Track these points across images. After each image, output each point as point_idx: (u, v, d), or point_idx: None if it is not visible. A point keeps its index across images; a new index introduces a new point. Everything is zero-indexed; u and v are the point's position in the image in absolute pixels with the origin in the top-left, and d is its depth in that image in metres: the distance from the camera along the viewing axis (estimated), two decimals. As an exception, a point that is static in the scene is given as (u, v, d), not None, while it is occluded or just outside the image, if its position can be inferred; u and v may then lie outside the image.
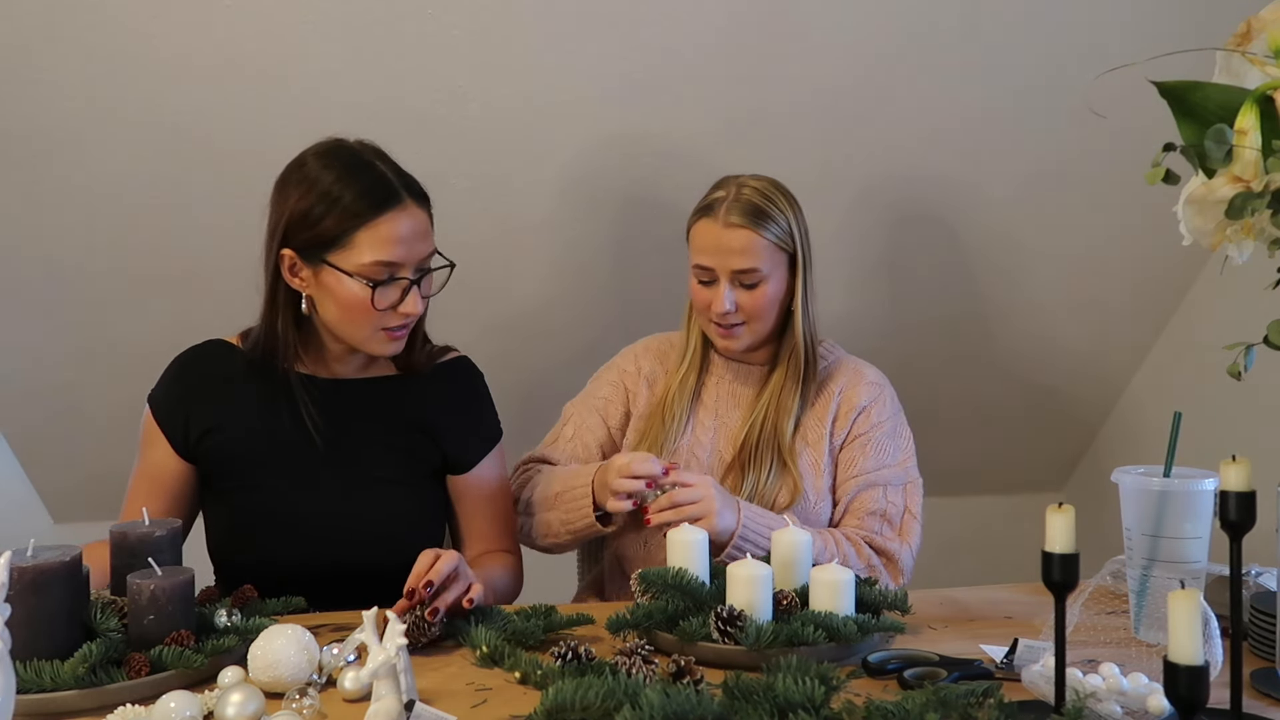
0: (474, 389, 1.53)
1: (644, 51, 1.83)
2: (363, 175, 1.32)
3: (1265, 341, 0.88)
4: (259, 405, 1.39)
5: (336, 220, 1.30)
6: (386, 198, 1.31)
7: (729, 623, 1.10)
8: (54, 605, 1.01)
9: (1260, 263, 0.94)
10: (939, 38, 1.89)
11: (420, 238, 1.34)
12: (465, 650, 1.14)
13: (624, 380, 1.67)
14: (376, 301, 1.31)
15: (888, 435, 1.59)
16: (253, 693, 0.94)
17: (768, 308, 1.54)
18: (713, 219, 1.52)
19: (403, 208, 1.32)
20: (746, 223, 1.51)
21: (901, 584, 1.50)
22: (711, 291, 1.53)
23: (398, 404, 1.44)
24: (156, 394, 1.42)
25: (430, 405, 1.46)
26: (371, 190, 1.31)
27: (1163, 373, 2.41)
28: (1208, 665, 0.80)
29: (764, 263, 1.51)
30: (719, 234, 1.51)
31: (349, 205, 1.30)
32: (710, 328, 1.58)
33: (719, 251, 1.51)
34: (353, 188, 1.30)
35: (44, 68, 1.70)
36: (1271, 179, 0.83)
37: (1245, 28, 0.88)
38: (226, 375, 1.40)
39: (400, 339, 1.37)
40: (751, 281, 1.52)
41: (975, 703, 0.92)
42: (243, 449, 1.38)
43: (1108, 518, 1.32)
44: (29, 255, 1.94)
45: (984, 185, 2.12)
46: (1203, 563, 1.12)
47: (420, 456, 1.45)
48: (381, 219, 1.30)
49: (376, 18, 1.73)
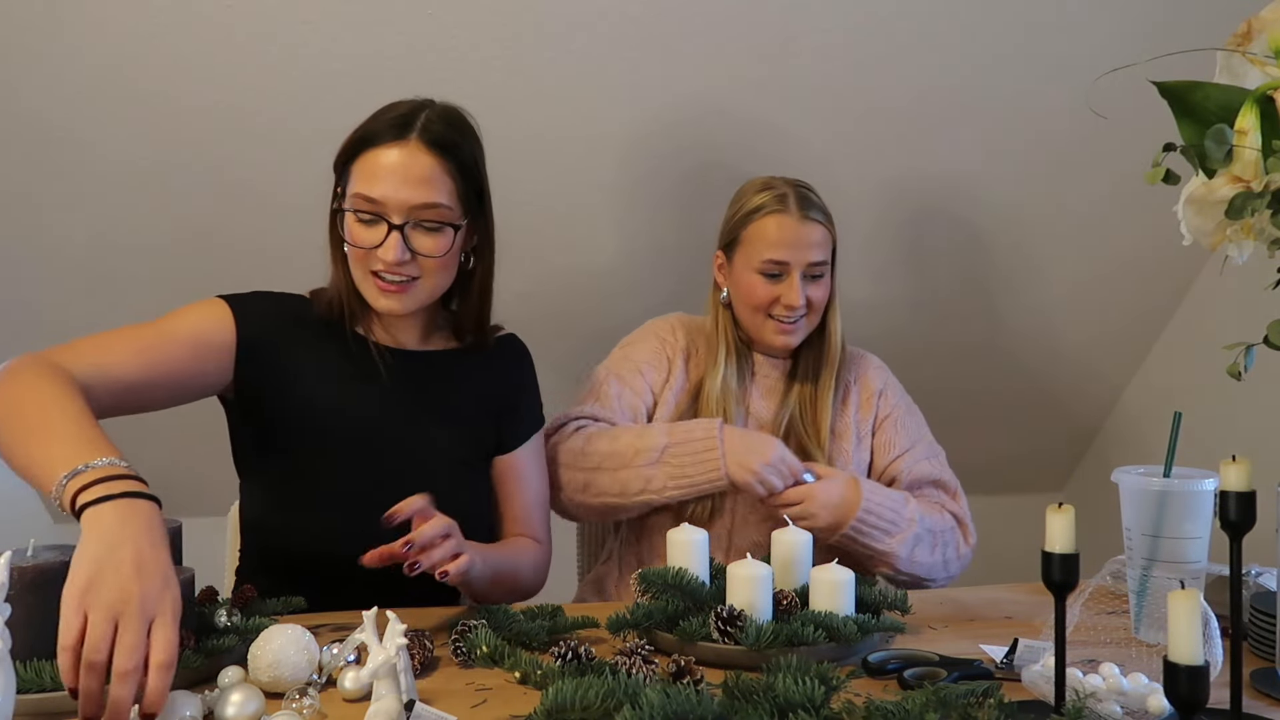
0: (529, 368, 1.51)
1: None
2: (389, 111, 1.29)
3: (1265, 341, 0.88)
4: (334, 365, 1.34)
5: (349, 147, 1.28)
6: (387, 130, 1.26)
7: (729, 623, 1.10)
8: (54, 605, 0.99)
9: (1260, 263, 0.94)
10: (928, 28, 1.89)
11: (412, 182, 1.25)
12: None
13: (665, 350, 1.66)
14: (358, 237, 1.26)
15: (907, 412, 1.68)
16: (252, 693, 0.94)
17: (827, 301, 1.61)
18: (787, 214, 1.55)
19: (400, 144, 1.25)
20: (820, 217, 1.57)
21: (972, 544, 1.60)
22: (779, 286, 1.56)
23: (461, 379, 1.41)
24: (237, 296, 1.34)
25: (493, 382, 1.43)
26: (381, 123, 1.27)
27: (1163, 373, 2.41)
28: (1208, 665, 0.80)
29: (829, 255, 1.59)
30: (797, 227, 1.54)
31: (360, 134, 1.28)
32: (767, 324, 1.59)
33: (798, 245, 1.54)
34: (373, 121, 1.28)
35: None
36: (1271, 179, 0.83)
37: (1245, 28, 0.88)
38: (305, 324, 1.36)
39: (392, 292, 1.29)
40: (819, 274, 1.58)
41: (975, 703, 0.92)
42: (312, 407, 1.32)
43: (1108, 518, 1.32)
44: (30, 254, 1.94)
45: (984, 186, 2.12)
46: (1203, 563, 1.12)
47: (481, 435, 1.42)
48: (374, 150, 1.26)
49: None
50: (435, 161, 1.26)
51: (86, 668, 0.82)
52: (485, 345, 1.44)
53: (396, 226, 1.25)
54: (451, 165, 1.28)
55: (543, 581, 1.46)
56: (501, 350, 1.48)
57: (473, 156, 1.32)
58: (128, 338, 1.23)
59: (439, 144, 1.27)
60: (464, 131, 1.32)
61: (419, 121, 1.27)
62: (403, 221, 1.25)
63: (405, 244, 1.26)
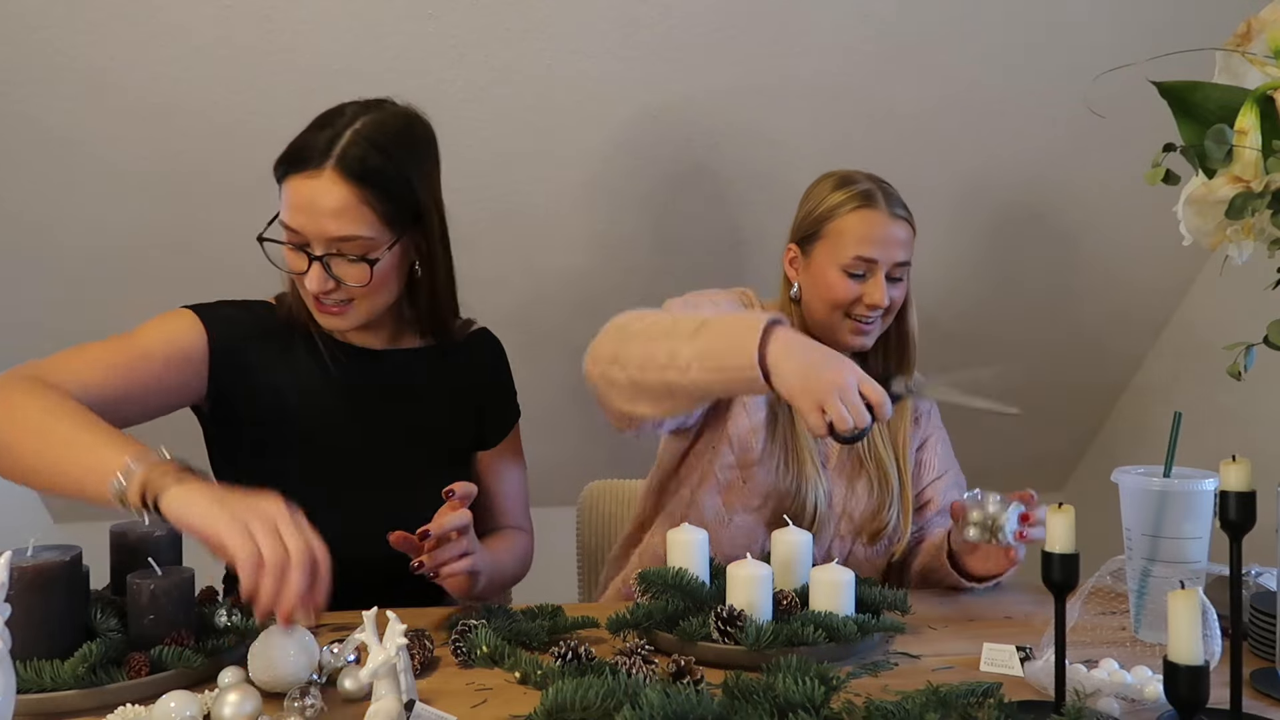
0: (504, 362, 1.51)
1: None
2: (316, 129, 1.25)
3: (1265, 341, 0.88)
4: (302, 370, 1.34)
5: (280, 163, 1.25)
6: (302, 159, 1.22)
7: (729, 623, 1.10)
8: (54, 605, 1.01)
9: (1260, 263, 0.94)
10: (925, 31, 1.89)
11: (328, 215, 1.20)
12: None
13: (742, 300, 1.56)
14: (287, 261, 1.25)
15: (943, 435, 1.66)
16: (250, 693, 0.93)
17: (905, 301, 1.55)
18: (876, 209, 1.48)
19: (316, 174, 1.21)
20: (907, 214, 1.51)
21: None
22: (864, 285, 1.48)
23: (434, 376, 1.41)
24: (204, 305, 1.33)
25: (469, 377, 1.44)
26: (305, 143, 1.23)
27: (1162, 373, 2.41)
28: (1208, 665, 0.80)
29: (910, 255, 1.52)
30: (887, 224, 1.48)
31: (288, 152, 1.24)
32: (844, 323, 1.51)
33: (887, 243, 1.47)
34: (301, 137, 1.25)
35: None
36: (1271, 179, 0.83)
37: (1245, 28, 0.88)
38: (272, 331, 1.35)
39: (332, 313, 1.28)
40: (901, 275, 1.52)
41: (975, 703, 0.92)
42: (282, 412, 1.32)
43: (1108, 518, 1.32)
44: (31, 252, 1.94)
45: (983, 187, 2.12)
46: (1203, 563, 1.12)
47: (458, 431, 1.43)
48: (295, 177, 1.22)
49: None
50: (351, 192, 1.21)
51: (273, 571, 0.93)
52: (452, 342, 1.43)
53: (318, 257, 1.23)
54: (371, 193, 1.22)
55: (528, 567, 1.48)
56: (476, 345, 1.48)
57: (401, 175, 1.26)
58: (102, 353, 1.21)
59: (357, 173, 1.21)
60: (391, 150, 1.25)
61: (337, 148, 1.22)
62: (324, 253, 1.23)
63: (328, 273, 1.24)
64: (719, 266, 2.13)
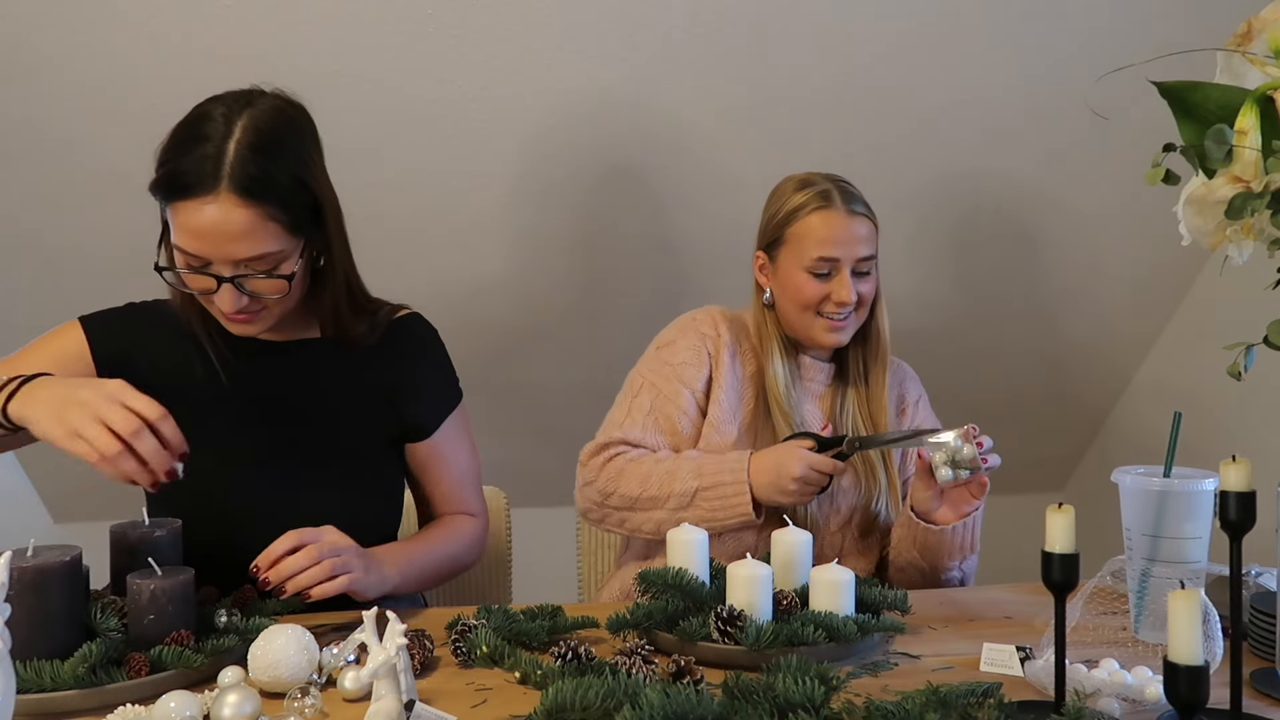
0: (432, 349, 1.45)
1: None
2: (191, 148, 1.16)
3: (1265, 341, 0.88)
4: (193, 369, 1.31)
5: (156, 188, 1.18)
6: (192, 182, 1.14)
7: (729, 623, 1.09)
8: (54, 605, 1.01)
9: (1260, 263, 0.94)
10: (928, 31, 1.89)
11: (233, 239, 1.15)
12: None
13: (705, 345, 1.59)
14: (190, 282, 1.20)
15: (933, 424, 1.68)
16: (249, 694, 0.94)
17: (874, 295, 1.58)
18: (834, 209, 1.52)
19: (211, 198, 1.14)
20: (866, 210, 1.54)
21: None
22: (829, 284, 1.52)
23: (341, 367, 1.35)
24: (92, 315, 1.32)
25: (382, 369, 1.37)
26: (183, 170, 1.15)
27: (1163, 373, 2.41)
28: (1208, 665, 0.80)
29: (875, 249, 1.56)
30: (846, 223, 1.51)
31: (162, 178, 1.17)
32: (817, 322, 1.54)
33: (848, 241, 1.51)
34: (175, 159, 1.16)
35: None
36: (1271, 179, 0.83)
37: (1245, 28, 0.88)
38: (161, 332, 1.32)
39: (245, 322, 1.24)
40: (867, 269, 1.55)
41: (975, 703, 0.92)
42: (175, 411, 1.14)
43: (1108, 518, 1.32)
44: (32, 251, 1.94)
45: (984, 188, 2.12)
46: (1203, 563, 1.12)
47: (371, 423, 1.37)
48: (186, 201, 1.15)
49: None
50: (251, 213, 1.16)
51: (117, 459, 1.03)
52: (360, 331, 1.36)
53: (228, 279, 1.19)
54: (272, 208, 1.17)
55: (482, 551, 1.47)
56: (394, 335, 1.41)
57: (295, 179, 1.20)
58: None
59: (253, 191, 1.15)
60: (278, 154, 1.20)
61: (225, 167, 1.15)
62: (233, 275, 1.19)
63: (241, 291, 1.20)
64: (737, 266, 2.12)
